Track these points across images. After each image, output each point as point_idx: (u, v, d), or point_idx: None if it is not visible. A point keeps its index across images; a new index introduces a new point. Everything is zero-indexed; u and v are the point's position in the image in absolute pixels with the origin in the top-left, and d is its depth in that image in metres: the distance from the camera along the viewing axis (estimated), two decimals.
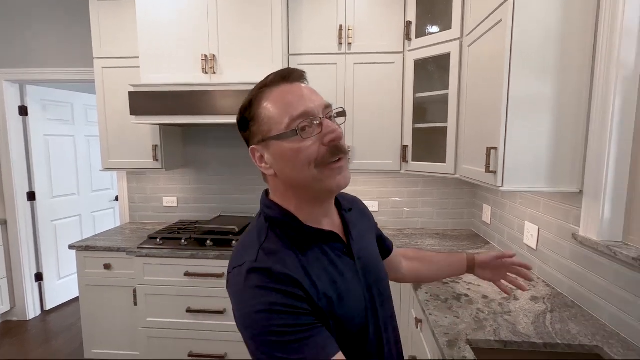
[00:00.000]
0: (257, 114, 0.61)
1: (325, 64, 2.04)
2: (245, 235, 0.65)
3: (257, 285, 0.53)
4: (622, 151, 1.12)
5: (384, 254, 0.90)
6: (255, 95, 0.61)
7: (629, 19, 1.07)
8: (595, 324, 1.13)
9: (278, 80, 0.61)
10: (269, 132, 0.59)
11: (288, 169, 0.60)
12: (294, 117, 0.57)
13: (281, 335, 0.50)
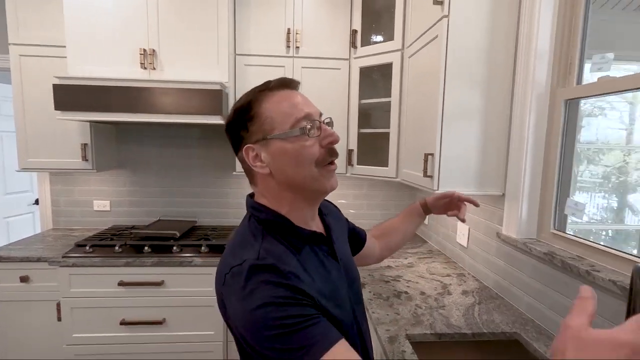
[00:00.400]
0: (259, 114, 0.63)
1: (273, 66, 2.04)
2: (236, 238, 0.64)
3: (262, 280, 0.53)
4: (536, 159, 1.28)
5: (360, 245, 0.97)
6: (255, 96, 0.64)
7: (542, 44, 1.23)
8: (515, 313, 1.27)
9: (279, 85, 0.66)
10: (272, 131, 0.62)
11: (290, 167, 0.62)
12: (299, 119, 0.62)
13: (288, 326, 0.49)
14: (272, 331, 0.48)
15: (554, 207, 1.24)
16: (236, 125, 0.66)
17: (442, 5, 1.33)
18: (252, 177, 0.68)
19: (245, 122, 0.64)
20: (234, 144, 0.68)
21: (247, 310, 0.50)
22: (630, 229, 2.84)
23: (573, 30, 1.20)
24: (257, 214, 0.65)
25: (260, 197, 0.68)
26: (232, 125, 0.67)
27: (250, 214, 0.66)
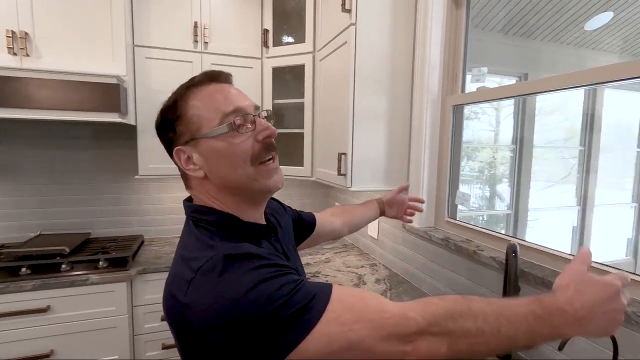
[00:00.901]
0: (184, 113, 0.58)
1: (180, 61, 1.90)
2: (187, 246, 0.57)
3: (243, 269, 0.48)
4: (432, 157, 1.45)
5: (310, 230, 0.98)
6: (181, 94, 0.60)
7: (434, 58, 1.40)
8: (419, 293, 1.43)
9: (206, 80, 0.61)
10: (199, 130, 0.58)
11: (223, 167, 0.58)
12: (227, 113, 0.57)
13: (288, 293, 0.46)
14: (275, 303, 0.45)
15: (447, 199, 1.44)
16: (164, 126, 0.61)
17: (350, 14, 1.42)
18: (187, 181, 0.64)
19: (172, 122, 0.59)
20: (165, 146, 0.63)
21: (237, 299, 0.45)
22: (500, 213, 3.44)
23: (457, 47, 1.40)
24: (203, 217, 0.59)
25: (199, 201, 0.63)
26: (161, 127, 0.62)
27: (195, 219, 0.60)
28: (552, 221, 3.55)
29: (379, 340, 0.45)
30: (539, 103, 3.32)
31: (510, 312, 0.48)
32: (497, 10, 2.56)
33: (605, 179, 3.59)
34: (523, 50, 2.94)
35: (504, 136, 3.34)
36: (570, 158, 3.59)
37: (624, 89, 3.50)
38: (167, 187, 2.23)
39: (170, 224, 2.25)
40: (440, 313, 0.47)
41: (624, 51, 3.13)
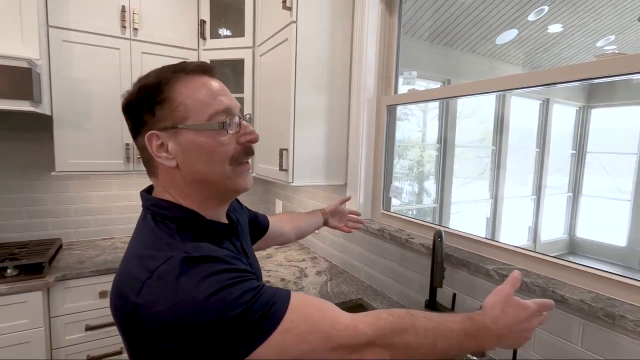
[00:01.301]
0: (171, 98, 0.55)
1: (105, 47, 1.74)
2: (143, 243, 0.54)
3: (202, 273, 0.46)
4: (368, 153, 1.55)
5: (263, 231, 0.99)
6: (168, 77, 0.56)
7: (370, 60, 1.49)
8: (357, 282, 1.52)
9: (198, 70, 0.58)
10: (185, 119, 0.55)
11: (201, 162, 0.56)
12: (218, 111, 0.56)
13: (247, 302, 0.45)
14: (234, 311, 0.44)
15: (382, 192, 1.54)
16: (139, 105, 0.56)
17: (290, 11, 1.44)
18: (152, 168, 0.59)
19: (153, 104, 0.55)
20: (132, 127, 0.59)
21: (195, 304, 0.44)
22: (427, 207, 3.75)
23: (390, 51, 1.50)
24: (163, 211, 0.56)
25: (162, 192, 0.59)
26: (135, 106, 0.57)
27: (154, 213, 0.57)
28: (471, 213, 3.98)
29: (330, 351, 0.48)
30: (459, 107, 3.69)
31: (446, 328, 0.54)
32: (424, 20, 2.79)
33: (512, 176, 4.13)
34: (446, 59, 3.24)
35: (430, 136, 3.65)
36: (485, 157, 4.06)
37: (526, 97, 4.05)
38: (90, 185, 2.03)
39: (95, 226, 2.06)
40: (387, 327, 0.51)
41: (526, 64, 3.62)
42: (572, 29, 3.26)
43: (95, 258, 1.74)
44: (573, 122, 4.48)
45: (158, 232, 0.54)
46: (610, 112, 4.46)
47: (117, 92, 1.78)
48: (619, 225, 4.16)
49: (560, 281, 0.89)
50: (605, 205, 4.49)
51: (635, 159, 4.08)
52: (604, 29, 3.29)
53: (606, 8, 3.02)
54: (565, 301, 0.81)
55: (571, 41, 3.42)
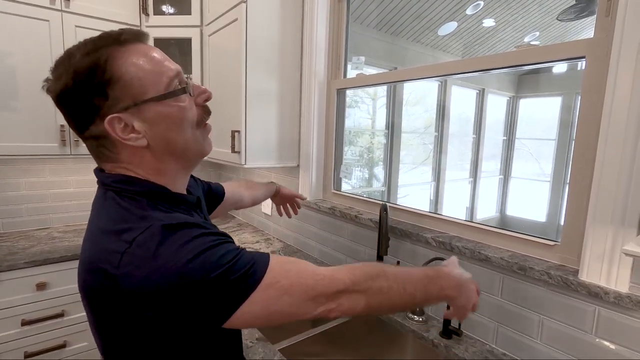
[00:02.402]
0: (120, 75, 0.51)
1: (32, 18, 1.58)
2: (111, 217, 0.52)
3: (183, 239, 0.47)
4: (320, 135, 1.60)
5: (219, 200, 1.01)
6: (107, 53, 0.51)
7: (320, 43, 1.53)
8: (311, 260, 1.58)
9: (133, 38, 0.54)
10: (144, 94, 0.52)
11: (172, 132, 0.55)
12: (171, 77, 0.54)
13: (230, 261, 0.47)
14: (217, 271, 0.45)
15: (333, 173, 1.61)
16: (83, 93, 0.51)
17: None
18: (111, 155, 0.55)
19: (102, 86, 0.50)
20: (78, 118, 0.53)
21: (178, 268, 0.44)
22: (375, 191, 3.94)
23: (339, 36, 1.55)
24: (129, 187, 0.54)
25: (125, 170, 0.56)
26: (76, 93, 0.51)
27: (119, 189, 0.54)
28: (416, 195, 4.25)
29: (310, 300, 0.51)
30: (406, 95, 3.88)
31: (412, 274, 0.62)
32: (372, 8, 2.88)
33: (452, 160, 4.46)
34: (393, 47, 3.37)
35: (379, 123, 3.81)
36: (429, 144, 4.33)
37: (464, 86, 4.37)
38: (18, 171, 1.86)
39: (27, 215, 1.89)
40: (361, 274, 0.55)
41: (465, 55, 3.89)
42: (504, 25, 3.56)
43: (30, 249, 1.61)
44: (504, 111, 4.92)
45: (127, 206, 0.52)
46: (536, 102, 4.97)
47: (47, 68, 1.63)
48: (541, 203, 4.70)
49: (485, 244, 1.02)
50: (530, 186, 5.04)
51: (554, 144, 4.61)
52: (531, 25, 3.64)
53: (532, 6, 3.34)
54: (488, 259, 0.94)
55: (503, 35, 3.73)
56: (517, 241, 0.96)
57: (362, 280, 0.55)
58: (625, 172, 0.71)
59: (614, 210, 0.73)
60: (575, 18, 2.32)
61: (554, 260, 0.89)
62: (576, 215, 0.84)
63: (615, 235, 0.73)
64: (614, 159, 0.73)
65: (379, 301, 0.57)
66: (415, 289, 0.60)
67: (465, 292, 0.68)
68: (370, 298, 0.55)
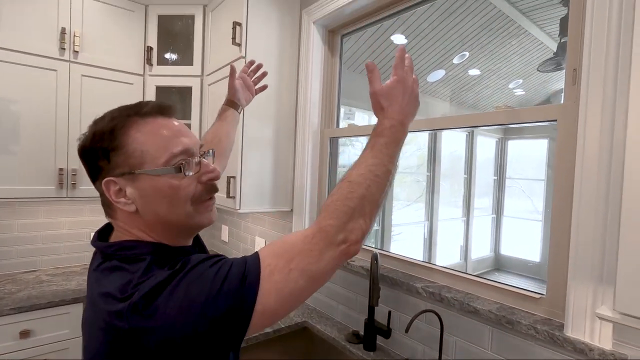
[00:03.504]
0: (124, 144, 0.54)
1: (41, 68, 1.66)
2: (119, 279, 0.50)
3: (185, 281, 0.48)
4: (313, 181, 1.64)
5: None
6: (122, 123, 0.55)
7: (314, 96, 1.62)
8: (303, 306, 1.57)
9: (153, 112, 0.57)
10: (141, 165, 0.54)
11: (162, 206, 0.56)
12: (175, 154, 0.55)
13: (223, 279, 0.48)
14: (221, 292, 0.47)
15: None
16: (94, 151, 0.56)
17: (240, 47, 1.53)
18: (111, 211, 0.59)
19: (107, 151, 0.54)
20: (89, 172, 0.58)
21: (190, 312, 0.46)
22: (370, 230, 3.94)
23: (332, 89, 1.64)
24: (131, 252, 0.54)
25: (123, 232, 0.58)
26: (89, 151, 0.56)
27: (122, 257, 0.54)
28: (411, 234, 4.25)
29: (319, 259, 0.51)
30: None
31: (371, 157, 0.60)
32: (364, 57, 3.05)
33: (445, 199, 4.52)
34: None
35: None
36: (423, 181, 4.41)
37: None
38: (12, 213, 1.86)
39: (17, 257, 1.88)
40: (341, 206, 0.54)
41: (452, 100, 4.07)
42: (489, 73, 3.77)
43: (17, 293, 1.58)
44: (494, 151, 5.08)
45: (133, 267, 0.52)
46: (523, 143, 5.15)
47: (51, 114, 1.70)
48: (534, 242, 4.72)
49: (474, 295, 1.03)
50: (523, 225, 5.08)
51: (543, 184, 4.72)
52: (514, 73, 3.86)
53: (514, 57, 3.56)
54: (477, 312, 0.95)
55: (488, 82, 3.94)
56: (505, 293, 0.98)
57: (346, 209, 0.54)
58: (599, 231, 0.75)
59: (592, 267, 0.76)
60: (553, 70, 2.48)
61: (541, 313, 0.90)
62: (558, 271, 0.87)
63: (595, 293, 0.75)
64: (588, 219, 0.77)
65: (370, 203, 0.56)
66: (383, 163, 0.59)
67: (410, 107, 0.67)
68: (363, 211, 0.55)
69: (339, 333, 1.32)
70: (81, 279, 1.80)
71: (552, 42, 3.14)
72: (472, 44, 3.23)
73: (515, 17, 2.89)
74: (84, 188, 1.80)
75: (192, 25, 1.90)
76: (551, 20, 2.91)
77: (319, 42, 1.62)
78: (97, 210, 2.12)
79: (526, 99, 4.31)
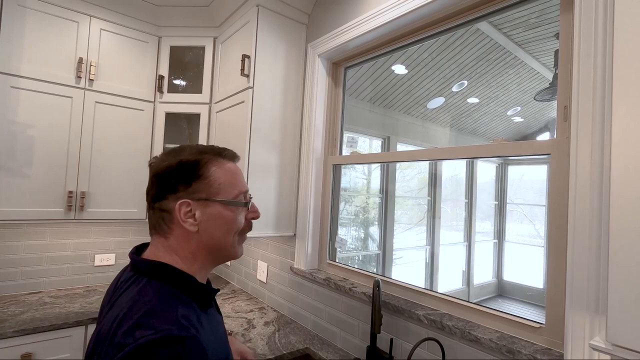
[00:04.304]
0: (208, 175, 0.66)
1: (57, 95, 1.74)
2: (142, 304, 0.55)
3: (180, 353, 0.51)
4: (316, 207, 1.68)
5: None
6: (208, 158, 0.67)
7: (318, 124, 1.68)
8: (305, 332, 1.57)
9: (230, 156, 0.71)
10: (216, 194, 0.66)
11: (220, 231, 0.67)
12: (242, 192, 0.70)
13: None
14: None
15: (328, 243, 1.66)
16: (176, 176, 0.65)
17: (248, 78, 1.60)
18: (167, 229, 0.66)
19: (191, 178, 0.65)
20: (160, 191, 0.66)
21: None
22: (372, 254, 3.93)
23: (336, 117, 1.71)
24: (162, 273, 0.62)
25: (167, 252, 0.65)
26: (171, 174, 0.65)
27: (150, 275, 0.62)
28: (412, 258, 4.24)
29: None
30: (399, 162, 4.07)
31: None
32: (366, 85, 3.16)
33: (446, 223, 4.53)
34: (385, 118, 3.63)
35: (374, 184, 3.94)
36: (424, 204, 4.43)
37: None
38: (19, 234, 1.89)
39: (21, 279, 1.89)
40: None
41: (452, 126, 4.16)
42: (487, 100, 3.88)
43: (20, 316, 1.59)
44: (494, 176, 5.13)
45: (154, 291, 0.58)
46: (523, 169, 5.20)
47: (64, 138, 1.76)
48: (537, 268, 4.69)
49: (475, 323, 1.04)
50: (525, 250, 5.05)
51: (544, 210, 4.73)
52: (512, 101, 3.97)
53: (512, 86, 3.68)
54: (478, 340, 0.96)
55: (487, 109, 4.04)
56: (505, 322, 0.99)
57: None
58: (593, 261, 0.78)
59: (588, 297, 0.78)
60: (550, 99, 2.56)
61: (541, 342, 0.91)
62: (556, 300, 0.89)
63: (592, 323, 0.77)
64: (582, 249, 0.80)
65: None
66: None
67: None
68: None
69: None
70: (84, 301, 1.81)
71: (548, 72, 3.25)
72: (470, 73, 3.34)
73: (511, 48, 3.01)
74: (91, 210, 1.84)
75: (202, 56, 2.00)
76: (546, 52, 3.02)
77: (323, 73, 1.70)
78: (102, 232, 2.14)
79: (525, 125, 4.41)
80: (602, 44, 0.80)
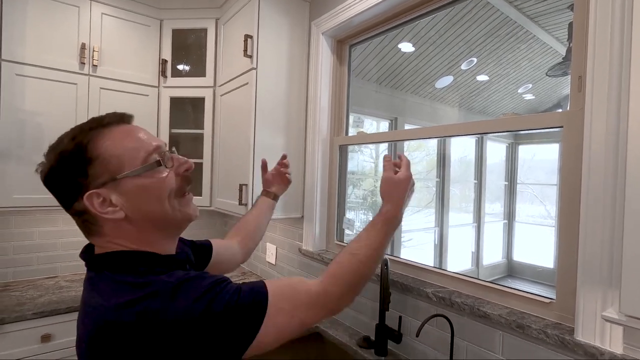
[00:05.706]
0: (99, 154, 0.56)
1: (61, 82, 1.74)
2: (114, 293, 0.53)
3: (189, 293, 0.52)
4: (323, 188, 1.67)
5: (208, 253, 0.91)
6: (88, 137, 0.57)
7: (323, 104, 1.65)
8: None
9: (115, 120, 0.60)
10: (121, 169, 0.56)
11: (150, 203, 0.58)
12: (150, 151, 0.59)
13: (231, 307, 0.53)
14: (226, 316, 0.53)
15: (335, 224, 1.66)
16: (66, 173, 0.56)
17: (251, 59, 1.58)
18: (95, 228, 0.58)
19: (82, 166, 0.55)
20: (62, 196, 0.57)
21: (192, 323, 0.50)
22: None
23: (341, 97, 1.68)
24: (121, 262, 0.57)
25: (115, 245, 0.59)
26: (60, 173, 0.56)
27: (111, 267, 0.56)
28: (421, 240, 4.24)
29: (315, 315, 0.63)
30: (407, 141, 4.02)
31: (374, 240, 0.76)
32: (372, 65, 3.09)
33: (455, 204, 4.50)
34: (393, 99, 3.57)
35: (382, 167, 3.91)
36: (433, 187, 4.40)
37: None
38: (33, 221, 1.93)
39: (37, 264, 1.94)
40: (347, 278, 0.69)
41: (461, 106, 4.08)
42: (498, 78, 3.78)
43: (38, 299, 1.64)
44: (504, 156, 5.04)
45: (125, 279, 0.54)
46: (534, 148, 5.10)
47: (71, 124, 1.75)
48: (548, 248, 4.65)
49: (485, 300, 1.04)
50: (536, 230, 5.01)
51: (555, 189, 4.66)
52: (523, 78, 3.85)
53: (523, 62, 3.56)
54: (487, 316, 0.96)
55: (497, 87, 3.94)
56: (515, 298, 0.99)
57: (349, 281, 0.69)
58: (607, 235, 0.76)
59: (601, 271, 0.77)
60: (562, 74, 2.48)
61: (551, 317, 0.91)
62: (568, 275, 0.88)
63: (604, 296, 0.76)
64: (596, 224, 0.78)
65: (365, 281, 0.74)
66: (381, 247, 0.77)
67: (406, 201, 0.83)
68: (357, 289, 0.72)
69: (350, 338, 1.34)
70: None
71: (561, 46, 3.13)
72: (479, 50, 3.24)
73: (522, 22, 2.90)
74: None
75: (204, 38, 1.97)
76: (559, 25, 2.91)
77: (328, 52, 1.67)
78: None
79: (536, 103, 4.29)
80: (620, 9, 0.76)
